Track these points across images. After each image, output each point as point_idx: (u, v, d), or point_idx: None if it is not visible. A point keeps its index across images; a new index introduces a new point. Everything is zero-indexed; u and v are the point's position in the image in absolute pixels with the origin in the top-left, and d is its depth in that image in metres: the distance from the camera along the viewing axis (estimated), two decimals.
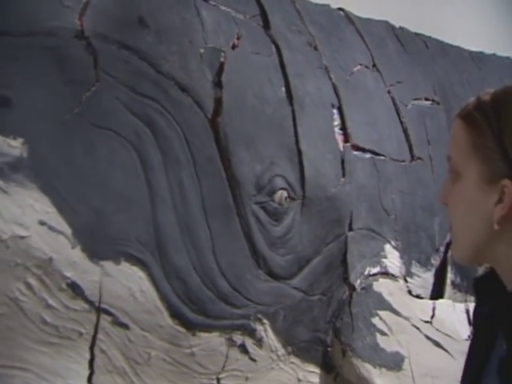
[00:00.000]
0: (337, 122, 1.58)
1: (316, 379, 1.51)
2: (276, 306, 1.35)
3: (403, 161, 1.79)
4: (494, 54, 2.98)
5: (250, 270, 1.30)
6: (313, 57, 1.61)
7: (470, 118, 0.87)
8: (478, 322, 0.97)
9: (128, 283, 1.11)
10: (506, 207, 0.82)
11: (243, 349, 1.29)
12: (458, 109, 2.35)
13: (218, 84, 1.30)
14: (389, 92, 1.86)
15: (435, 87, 2.15)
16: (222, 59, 1.32)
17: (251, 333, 1.30)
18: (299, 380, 1.45)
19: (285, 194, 1.36)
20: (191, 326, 1.19)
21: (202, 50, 1.29)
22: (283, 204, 1.35)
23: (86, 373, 1.10)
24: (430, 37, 2.43)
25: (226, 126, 1.28)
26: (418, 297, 1.81)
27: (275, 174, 1.35)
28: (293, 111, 1.44)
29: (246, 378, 1.32)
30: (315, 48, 1.64)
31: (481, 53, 2.85)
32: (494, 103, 0.85)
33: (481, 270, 2.30)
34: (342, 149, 1.54)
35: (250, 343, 1.30)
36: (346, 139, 1.58)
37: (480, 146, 0.84)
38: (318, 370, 1.51)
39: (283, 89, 1.45)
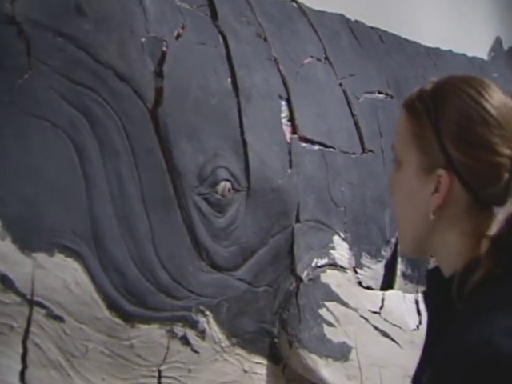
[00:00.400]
0: (285, 114, 1.58)
1: (263, 370, 1.51)
2: (219, 298, 1.34)
3: (354, 153, 1.80)
4: (450, 51, 3.03)
5: (192, 261, 1.29)
6: (262, 48, 1.60)
7: (411, 107, 0.89)
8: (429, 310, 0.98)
9: (62, 275, 1.09)
10: (441, 197, 0.83)
11: (185, 340, 1.29)
12: None
13: (159, 74, 1.28)
14: (340, 85, 1.86)
15: (389, 81, 2.17)
16: (164, 49, 1.30)
17: (193, 324, 1.29)
18: (245, 371, 1.45)
19: (228, 185, 1.35)
20: (130, 318, 1.18)
21: (143, 40, 1.27)
22: (226, 195, 1.35)
23: (19, 367, 1.08)
24: (385, 31, 2.44)
25: (166, 117, 1.26)
26: (368, 288, 1.83)
27: (218, 165, 1.34)
28: (238, 102, 1.43)
29: (189, 370, 1.31)
30: (265, 39, 1.63)
31: (437, 49, 2.89)
32: (434, 93, 0.86)
33: (432, 262, 2.34)
34: (289, 140, 1.54)
35: (192, 335, 1.30)
36: (294, 131, 1.58)
37: (419, 136, 0.86)
38: (264, 362, 1.51)
39: (229, 80, 1.44)
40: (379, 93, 2.07)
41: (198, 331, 1.31)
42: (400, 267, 1.97)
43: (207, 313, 1.32)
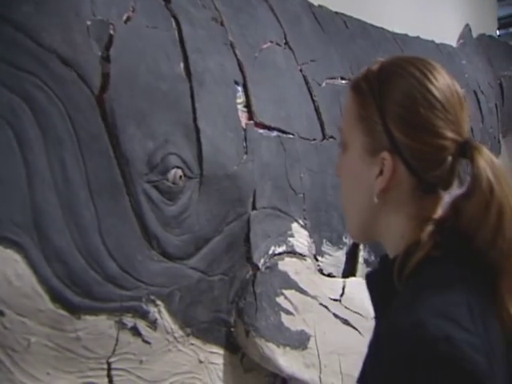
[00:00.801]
0: (241, 100, 1.55)
1: (220, 360, 1.49)
2: (171, 287, 1.32)
3: (314, 139, 1.78)
4: (417, 37, 3.03)
5: (142, 250, 1.26)
6: (217, 32, 1.57)
7: (357, 87, 0.86)
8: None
9: (1, 267, 1.05)
10: (385, 180, 0.81)
11: (135, 331, 1.26)
12: None
13: (106, 58, 1.24)
14: (301, 70, 1.84)
15: (352, 67, 2.15)
16: (111, 32, 1.26)
17: (143, 315, 1.27)
18: (200, 361, 1.43)
19: (180, 172, 1.32)
20: (75, 310, 1.15)
21: (88, 23, 1.23)
22: (178, 183, 1.32)
23: None
24: (351, 17, 2.43)
25: (113, 102, 1.22)
26: (329, 275, 1.82)
27: (169, 151, 1.31)
28: (191, 88, 1.40)
29: (141, 361, 1.28)
30: (221, 23, 1.60)
31: (404, 35, 2.88)
32: (380, 73, 0.84)
33: None
34: (244, 126, 1.51)
35: (142, 325, 1.27)
36: (251, 117, 1.55)
37: (363, 117, 0.84)
38: (221, 351, 1.49)
39: (181, 65, 1.40)
40: (342, 78, 2.05)
41: (148, 321, 1.28)
42: (362, 254, 1.97)
43: (158, 302, 1.30)
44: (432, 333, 0.65)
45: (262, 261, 1.54)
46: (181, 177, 1.33)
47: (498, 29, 6.49)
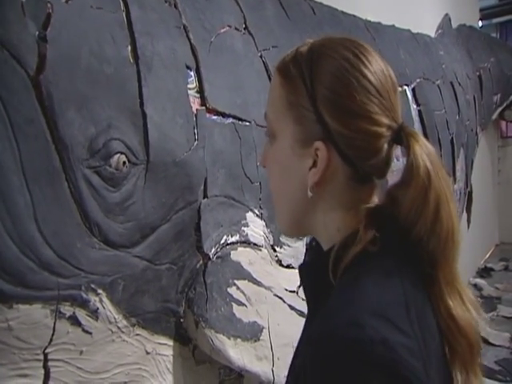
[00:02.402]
0: (193, 85, 1.51)
1: (169, 352, 1.46)
2: (114, 276, 1.28)
3: None
4: (392, 26, 2.99)
5: (82, 237, 1.22)
6: (170, 16, 1.52)
7: (284, 71, 0.80)
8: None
9: None
10: (319, 172, 0.76)
11: (74, 321, 1.22)
12: None
13: (44, 39, 1.20)
14: (261, 56, 1.80)
15: None
16: (49, 11, 1.22)
17: (83, 304, 1.23)
18: (147, 352, 1.40)
19: (123, 158, 1.28)
20: (6, 298, 1.11)
21: (23, 0, 1.18)
22: (121, 169, 1.28)
23: None
24: (320, 3, 2.38)
25: (50, 85, 1.18)
26: (288, 266, 1.80)
27: (112, 137, 1.27)
28: (138, 72, 1.36)
29: (81, 352, 1.25)
30: (174, 6, 1.56)
31: (378, 23, 2.84)
32: (310, 56, 0.78)
33: None
34: (195, 112, 1.47)
35: (82, 315, 1.23)
36: (203, 103, 1.51)
37: (294, 104, 0.78)
38: (170, 343, 1.46)
39: (128, 48, 1.36)
40: None
41: (89, 311, 1.24)
42: None
43: (100, 291, 1.26)
44: (369, 334, 0.62)
45: (214, 250, 1.50)
46: (124, 163, 1.29)
47: (481, 19, 6.47)
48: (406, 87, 2.74)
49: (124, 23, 1.37)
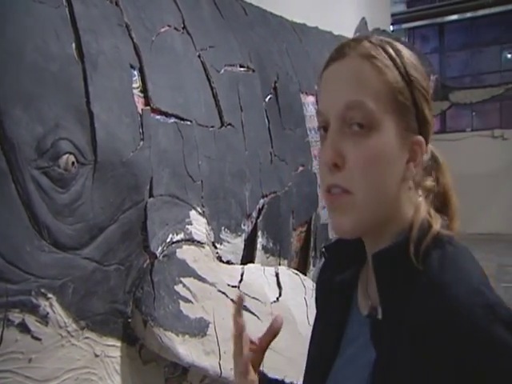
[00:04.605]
0: (137, 85, 1.50)
1: (117, 353, 1.45)
2: (64, 279, 1.25)
3: (212, 126, 1.77)
4: (316, 28, 3.09)
5: (31, 241, 1.19)
6: (112, 13, 1.50)
7: (377, 60, 0.74)
8: (328, 290, 0.90)
9: None
10: (418, 165, 0.76)
11: (23, 328, 1.18)
12: (275, 77, 2.38)
13: None
14: (199, 56, 1.82)
15: (251, 54, 2.16)
16: None
17: (33, 309, 1.19)
18: (96, 355, 1.38)
19: (72, 158, 1.26)
20: None
21: None
22: (70, 169, 1.25)
23: None
24: (250, 4, 2.43)
25: None
26: (228, 262, 1.83)
27: (60, 136, 1.24)
28: (84, 70, 1.33)
29: (30, 360, 1.21)
30: (116, 3, 1.54)
31: (303, 25, 2.93)
32: (392, 47, 0.76)
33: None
34: (140, 112, 1.47)
35: (31, 321, 1.20)
36: (147, 102, 1.51)
37: (396, 95, 0.74)
38: (118, 344, 1.45)
39: (73, 45, 1.33)
40: (240, 66, 2.05)
41: (39, 316, 1.21)
42: (261, 241, 2.00)
43: (50, 295, 1.23)
44: (492, 299, 0.67)
45: (160, 249, 1.51)
46: (73, 163, 1.26)
47: (392, 24, 6.83)
48: None
49: (67, 19, 1.34)
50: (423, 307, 0.69)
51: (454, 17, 9.18)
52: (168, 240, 1.53)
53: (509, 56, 9.59)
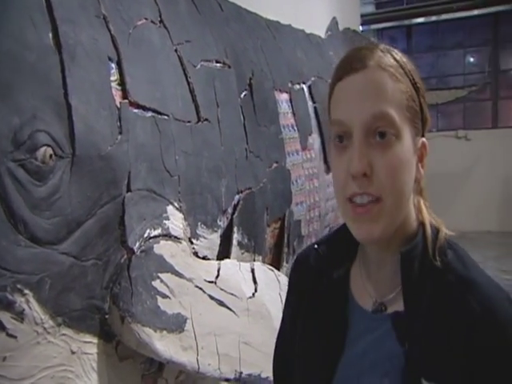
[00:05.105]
0: (115, 78, 1.48)
1: (93, 350, 1.43)
2: (41, 274, 1.22)
3: (189, 121, 1.76)
4: (289, 25, 3.11)
5: (7, 235, 1.16)
6: (89, 3, 1.47)
7: (396, 74, 0.79)
8: (322, 286, 0.92)
9: None
10: (424, 166, 0.82)
11: None
12: (250, 73, 2.38)
13: None
14: (176, 50, 1.80)
15: (227, 50, 2.15)
16: None
17: (8, 306, 1.16)
18: (73, 352, 1.35)
19: (49, 151, 1.23)
20: None
21: None
22: (47, 162, 1.23)
23: None
24: (226, 0, 2.42)
25: None
26: (204, 258, 1.82)
27: (37, 128, 1.21)
28: (62, 61, 1.31)
29: (4, 358, 1.18)
30: None
31: (277, 22, 2.94)
32: (400, 57, 0.82)
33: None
34: (119, 105, 1.45)
35: (7, 318, 1.16)
36: (125, 96, 1.49)
37: (411, 106, 0.80)
38: (95, 340, 1.42)
39: (50, 35, 1.30)
40: (217, 61, 2.04)
41: (14, 313, 1.18)
42: (236, 236, 1.99)
43: (26, 291, 1.20)
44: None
45: (138, 244, 1.49)
46: (51, 156, 1.24)
47: (362, 25, 6.92)
48: (303, 85, 2.87)
49: (44, 8, 1.31)
50: (460, 304, 0.75)
51: (421, 19, 9.36)
52: (145, 235, 1.52)
53: (471, 60, 9.84)
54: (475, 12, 8.97)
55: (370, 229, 0.78)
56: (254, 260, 2.15)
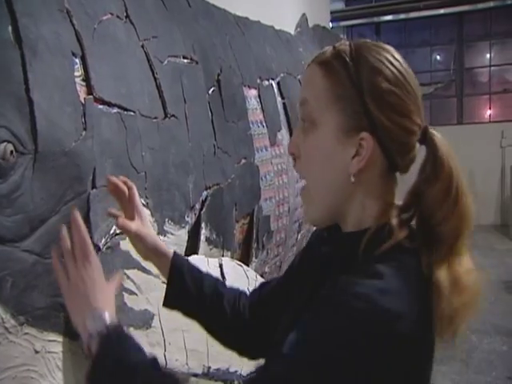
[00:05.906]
0: (79, 73, 1.46)
1: (58, 348, 1.41)
2: (2, 273, 1.20)
3: (155, 118, 1.75)
4: (258, 22, 3.11)
5: None
6: None
7: (328, 64, 0.85)
8: (305, 263, 0.99)
9: None
10: (363, 160, 0.82)
11: None
12: (218, 69, 2.38)
13: None
14: (142, 46, 1.79)
15: (195, 46, 2.14)
16: None
17: None
18: (36, 351, 1.34)
19: (10, 147, 1.21)
20: None
21: None
22: (8, 159, 1.21)
23: None
24: None
25: None
26: None
27: None
28: (22, 56, 1.28)
29: None
30: None
31: (246, 19, 2.94)
32: (355, 54, 0.84)
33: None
34: (83, 101, 1.43)
35: None
36: (90, 92, 1.47)
37: (340, 96, 0.83)
38: (60, 339, 1.41)
39: (9, 28, 1.28)
40: (184, 57, 2.03)
41: None
42: (204, 232, 1.99)
43: None
44: (378, 305, 0.73)
45: (103, 241, 1.48)
46: (11, 152, 1.22)
47: (331, 21, 6.97)
48: (272, 81, 2.88)
49: (2, 1, 1.28)
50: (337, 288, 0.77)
51: (389, 17, 9.49)
52: (111, 232, 1.50)
53: (438, 57, 10.02)
54: (441, 11, 9.14)
55: (305, 210, 0.88)
56: (223, 255, 2.15)
